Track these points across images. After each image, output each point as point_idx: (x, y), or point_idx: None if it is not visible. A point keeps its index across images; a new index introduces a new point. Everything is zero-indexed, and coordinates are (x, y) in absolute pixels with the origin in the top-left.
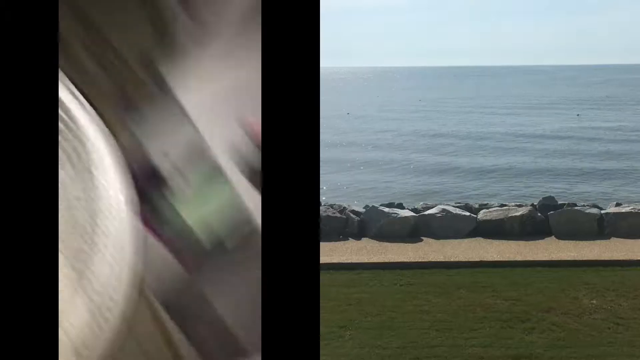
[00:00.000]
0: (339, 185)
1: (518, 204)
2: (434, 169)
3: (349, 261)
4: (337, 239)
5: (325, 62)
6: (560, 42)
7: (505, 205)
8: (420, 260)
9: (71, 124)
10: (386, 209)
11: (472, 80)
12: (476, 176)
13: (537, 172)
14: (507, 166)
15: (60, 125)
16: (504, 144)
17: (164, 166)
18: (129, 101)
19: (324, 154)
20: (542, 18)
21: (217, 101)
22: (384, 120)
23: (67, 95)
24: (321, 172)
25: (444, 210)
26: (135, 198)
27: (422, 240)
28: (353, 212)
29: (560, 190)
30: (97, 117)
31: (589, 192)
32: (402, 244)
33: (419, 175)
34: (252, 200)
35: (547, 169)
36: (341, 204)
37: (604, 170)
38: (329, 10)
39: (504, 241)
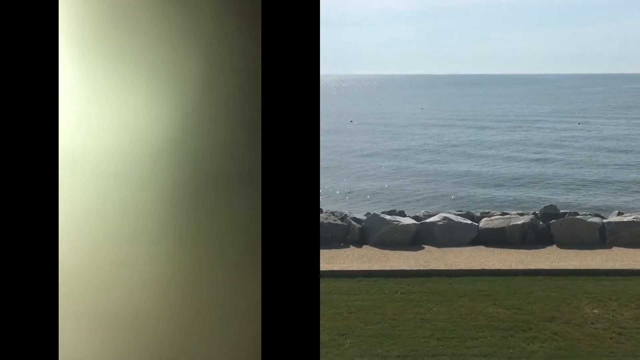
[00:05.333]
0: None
1: (520, 212)
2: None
3: (350, 269)
4: (338, 247)
5: (326, 69)
6: (562, 51)
7: (507, 213)
8: (421, 268)
9: None
10: (387, 217)
11: (477, 89)
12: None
13: None
14: None
15: None
16: None
17: None
18: None
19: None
20: (543, 26)
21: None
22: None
23: None
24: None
25: (445, 218)
26: None
27: (423, 248)
28: (354, 219)
29: None
30: None
31: None
32: (403, 252)
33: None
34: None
35: None
36: (342, 211)
37: None
38: (329, 17)
39: (505, 249)
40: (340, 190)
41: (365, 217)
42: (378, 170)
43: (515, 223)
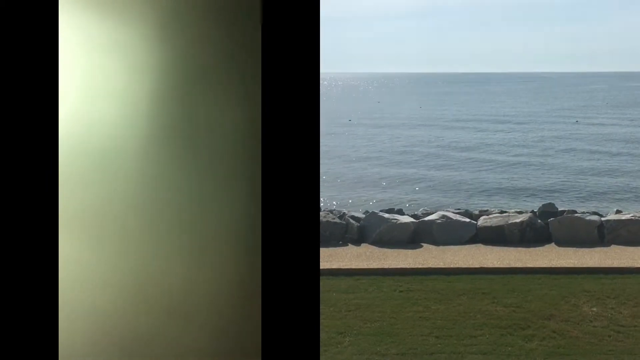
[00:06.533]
0: None
1: (518, 210)
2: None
3: (348, 267)
4: (337, 245)
5: (325, 68)
6: (559, 49)
7: (505, 211)
8: (420, 266)
9: None
10: (386, 215)
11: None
12: None
13: None
14: None
15: None
16: None
17: None
18: None
19: None
20: (541, 25)
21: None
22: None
23: None
24: None
25: (444, 216)
26: None
27: (422, 246)
28: (353, 217)
29: None
30: None
31: None
32: (401, 250)
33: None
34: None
35: None
36: (341, 209)
37: None
38: (328, 17)
39: (504, 248)
40: (339, 200)
41: (363, 216)
42: (377, 176)
43: (513, 221)
